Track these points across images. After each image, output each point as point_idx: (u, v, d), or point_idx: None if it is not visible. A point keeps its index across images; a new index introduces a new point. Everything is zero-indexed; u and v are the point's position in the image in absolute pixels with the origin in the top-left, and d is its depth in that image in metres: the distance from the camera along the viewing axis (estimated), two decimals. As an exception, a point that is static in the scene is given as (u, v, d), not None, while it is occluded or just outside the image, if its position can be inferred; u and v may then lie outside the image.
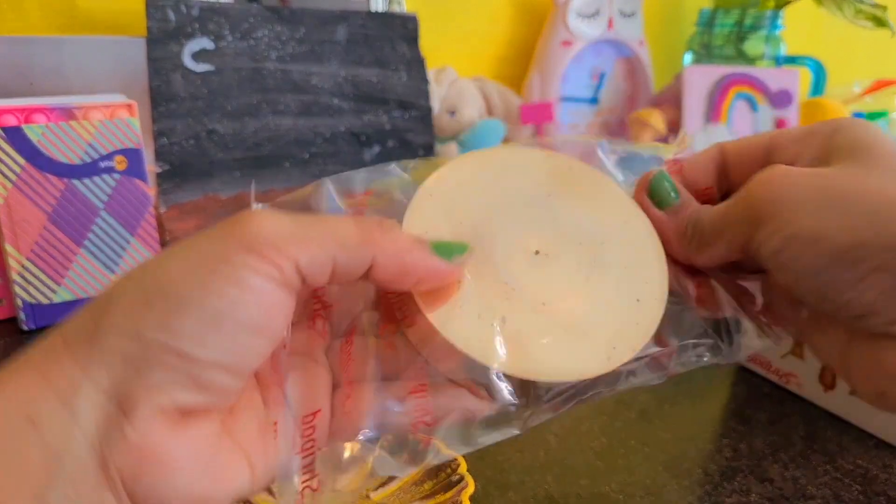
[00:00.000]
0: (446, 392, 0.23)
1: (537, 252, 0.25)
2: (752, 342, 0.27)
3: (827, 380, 0.42)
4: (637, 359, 0.24)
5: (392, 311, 0.24)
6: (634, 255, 0.26)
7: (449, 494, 0.34)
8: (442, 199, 0.25)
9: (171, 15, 0.60)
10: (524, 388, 0.23)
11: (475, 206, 0.25)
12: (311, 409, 0.22)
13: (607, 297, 0.25)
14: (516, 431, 0.23)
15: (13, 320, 0.53)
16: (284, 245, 0.19)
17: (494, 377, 0.22)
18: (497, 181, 0.26)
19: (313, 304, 0.24)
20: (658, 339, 0.25)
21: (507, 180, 0.27)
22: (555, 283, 0.24)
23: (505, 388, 0.22)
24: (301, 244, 0.20)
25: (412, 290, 0.23)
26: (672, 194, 0.26)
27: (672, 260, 0.26)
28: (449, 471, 0.33)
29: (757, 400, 0.44)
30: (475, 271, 0.24)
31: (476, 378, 0.23)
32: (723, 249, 0.24)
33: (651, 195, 0.27)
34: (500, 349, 0.22)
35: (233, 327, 0.19)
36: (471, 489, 0.35)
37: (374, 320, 0.25)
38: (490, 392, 0.23)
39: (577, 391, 0.23)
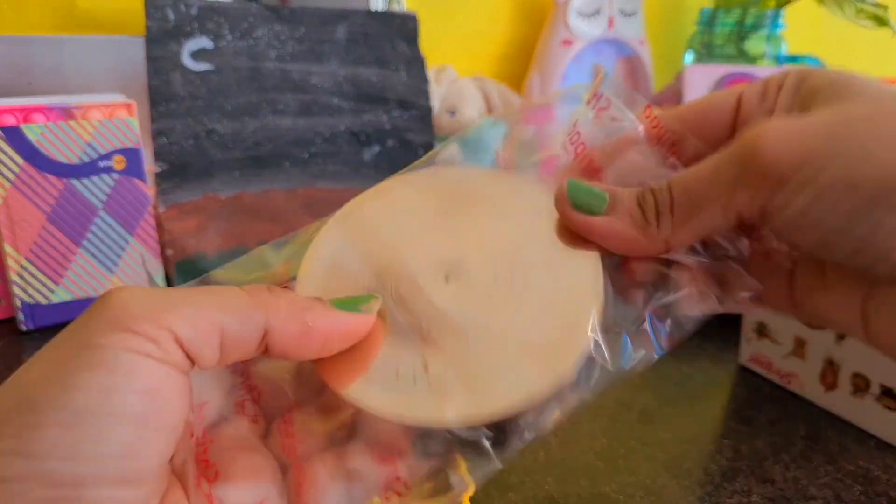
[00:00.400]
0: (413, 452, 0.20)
1: (447, 278, 0.22)
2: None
3: (828, 380, 0.42)
4: (587, 357, 0.21)
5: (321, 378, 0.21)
6: (555, 252, 0.23)
7: (448, 495, 0.33)
8: (331, 255, 0.23)
9: (171, 14, 0.60)
10: (491, 426, 0.20)
11: (369, 252, 0.23)
12: (255, 501, 0.19)
13: (536, 301, 0.22)
14: (500, 466, 0.21)
15: (11, 320, 0.53)
16: (157, 315, 0.16)
17: (450, 434, 0.20)
18: (389, 217, 0.24)
19: (239, 391, 0.21)
20: (604, 328, 0.22)
21: (398, 213, 0.24)
22: (474, 305, 0.22)
23: (468, 438, 0.20)
24: (178, 312, 0.17)
25: (316, 364, 0.20)
26: (596, 195, 0.22)
27: (625, 265, 0.23)
28: (448, 471, 0.33)
29: (758, 400, 0.44)
30: (383, 322, 0.21)
31: (433, 435, 0.20)
32: (715, 219, 0.21)
33: (577, 206, 0.22)
34: (436, 402, 0.20)
35: (109, 424, 0.15)
36: (471, 490, 0.34)
37: (311, 388, 0.22)
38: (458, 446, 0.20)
39: (541, 413, 0.21)
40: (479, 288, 0.22)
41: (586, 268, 0.22)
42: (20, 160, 0.49)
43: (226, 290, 0.18)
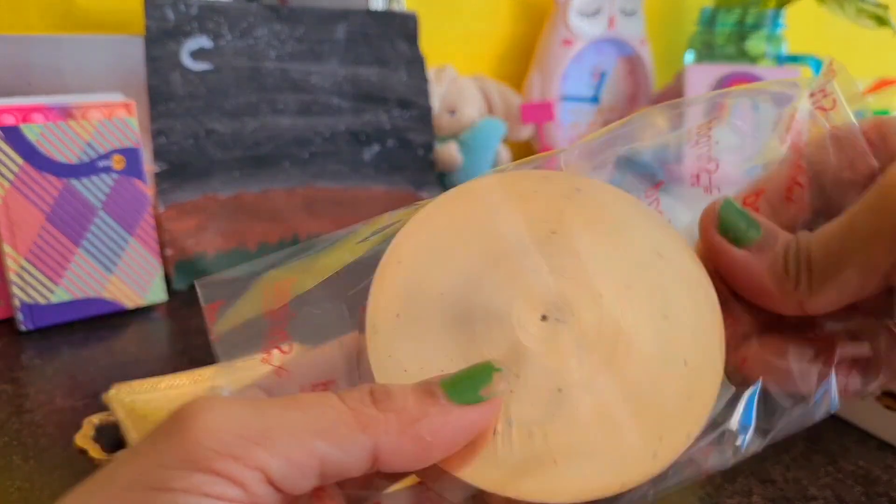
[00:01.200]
0: None
1: (544, 317, 0.19)
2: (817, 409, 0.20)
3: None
4: (692, 448, 0.18)
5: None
6: (676, 303, 0.20)
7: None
8: (405, 281, 0.19)
9: (170, 14, 0.60)
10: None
11: (453, 280, 0.19)
12: None
13: (644, 366, 0.19)
14: None
15: (11, 321, 0.53)
16: (247, 450, 0.14)
17: None
18: (478, 233, 0.20)
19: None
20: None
21: (493, 226, 0.20)
22: (571, 356, 0.18)
23: None
24: (271, 445, 0.14)
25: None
26: (751, 225, 0.20)
27: (756, 313, 0.20)
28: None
29: (758, 400, 0.44)
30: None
31: None
32: (853, 282, 0.18)
33: (724, 230, 0.20)
34: (558, 476, 0.17)
35: None
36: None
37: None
38: None
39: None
40: (579, 336, 0.19)
41: (707, 336, 0.19)
42: (19, 160, 0.49)
43: (324, 406, 0.16)
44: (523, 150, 0.97)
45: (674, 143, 0.23)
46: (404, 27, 0.73)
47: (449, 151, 0.80)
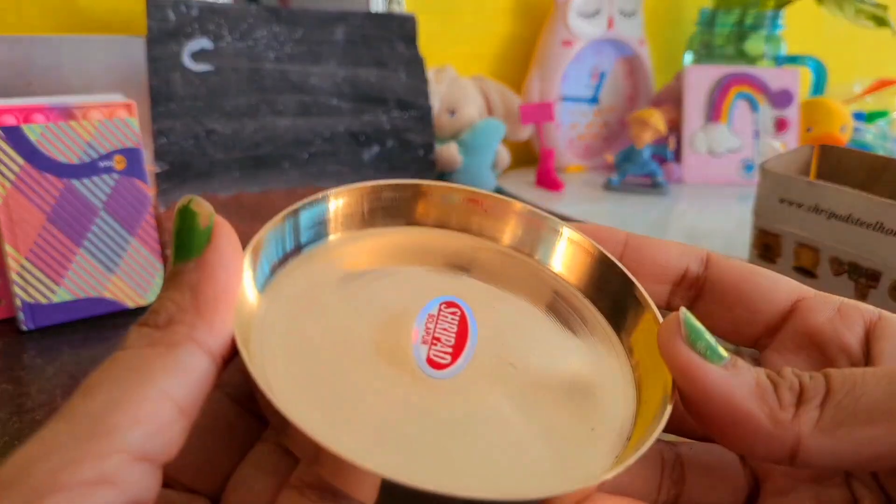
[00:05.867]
0: None
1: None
2: None
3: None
4: None
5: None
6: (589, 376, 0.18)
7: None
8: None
9: (171, 15, 0.60)
10: None
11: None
12: None
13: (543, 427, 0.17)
14: None
15: (12, 320, 0.53)
16: (92, 444, 0.14)
17: None
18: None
19: None
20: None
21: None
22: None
23: None
24: (110, 423, 0.14)
25: None
26: (716, 342, 0.17)
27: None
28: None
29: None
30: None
31: None
32: (886, 442, 0.15)
33: (693, 342, 0.16)
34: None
35: None
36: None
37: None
38: None
39: None
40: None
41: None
42: (20, 160, 0.49)
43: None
44: (523, 151, 0.98)
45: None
46: (403, 28, 0.73)
47: (449, 152, 0.81)
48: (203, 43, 0.62)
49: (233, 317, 0.16)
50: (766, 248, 0.60)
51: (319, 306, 0.19)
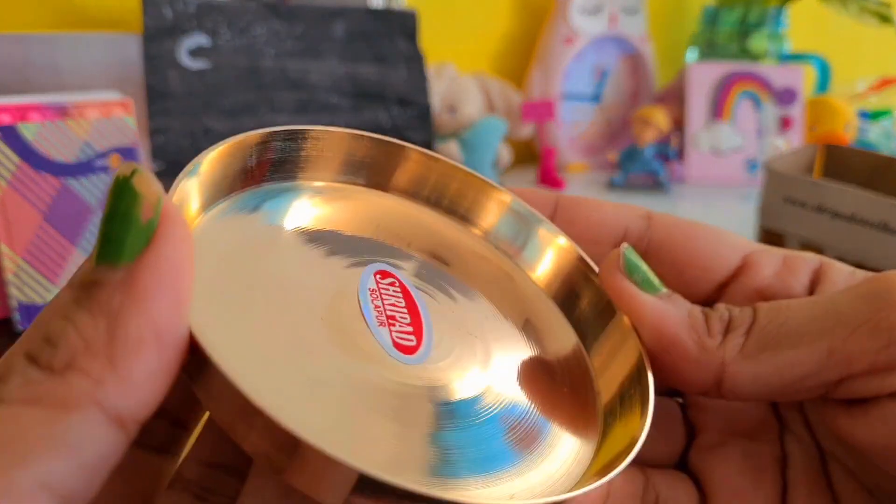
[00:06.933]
0: None
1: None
2: None
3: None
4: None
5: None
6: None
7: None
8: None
9: (168, 11, 0.60)
10: None
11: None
12: None
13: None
14: None
15: (8, 321, 0.52)
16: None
17: None
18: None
19: None
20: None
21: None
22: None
23: None
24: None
25: None
26: (655, 275, 0.17)
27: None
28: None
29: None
30: None
31: None
32: (808, 363, 0.15)
33: (630, 273, 0.17)
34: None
35: None
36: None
37: None
38: None
39: None
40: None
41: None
42: (16, 159, 0.49)
43: None
44: (524, 149, 0.97)
45: None
46: (404, 25, 0.72)
47: (449, 150, 0.80)
48: (200, 40, 0.61)
49: (166, 365, 0.12)
50: (770, 248, 0.59)
51: (254, 262, 0.16)
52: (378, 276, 0.17)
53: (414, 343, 0.16)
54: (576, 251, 0.19)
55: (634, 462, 0.15)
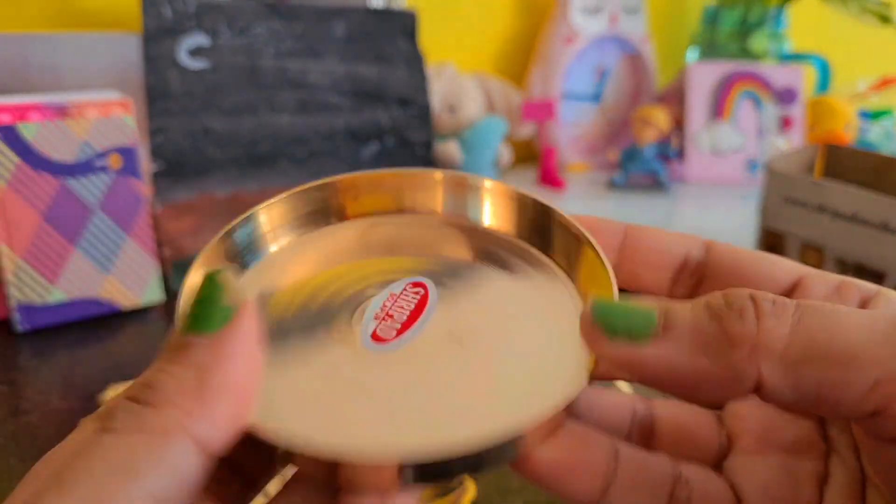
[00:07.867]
0: None
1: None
2: None
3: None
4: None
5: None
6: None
7: (449, 498, 0.33)
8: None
9: (168, 11, 0.59)
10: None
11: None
12: None
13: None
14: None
15: (7, 321, 0.52)
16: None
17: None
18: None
19: None
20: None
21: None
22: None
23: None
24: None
25: None
26: (641, 313, 0.15)
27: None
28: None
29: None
30: None
31: None
32: (853, 391, 0.14)
33: (612, 334, 0.15)
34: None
35: None
36: (472, 494, 0.34)
37: None
38: None
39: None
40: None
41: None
42: (15, 158, 0.49)
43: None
44: (524, 149, 0.97)
45: None
46: (404, 24, 0.72)
47: (449, 150, 0.80)
48: (200, 39, 0.61)
49: (243, 412, 0.15)
50: (771, 249, 0.59)
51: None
52: (409, 286, 0.20)
53: (392, 336, 0.18)
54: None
55: (668, 454, 0.18)
